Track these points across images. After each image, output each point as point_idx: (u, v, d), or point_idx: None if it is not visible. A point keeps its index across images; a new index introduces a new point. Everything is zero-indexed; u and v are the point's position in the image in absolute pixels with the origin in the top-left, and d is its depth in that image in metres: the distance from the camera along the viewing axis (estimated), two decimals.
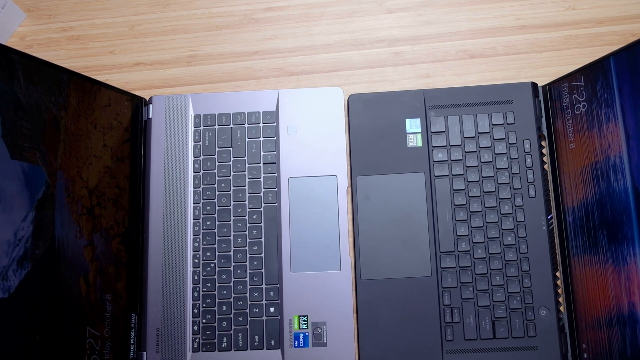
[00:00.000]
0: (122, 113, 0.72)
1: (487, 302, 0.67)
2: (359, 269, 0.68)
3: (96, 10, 0.79)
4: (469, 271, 0.68)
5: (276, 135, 0.73)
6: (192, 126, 0.74)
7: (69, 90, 0.65)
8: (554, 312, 0.67)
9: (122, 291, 0.69)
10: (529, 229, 0.69)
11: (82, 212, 0.64)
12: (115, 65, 0.78)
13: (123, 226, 0.70)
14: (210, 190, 0.72)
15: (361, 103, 0.73)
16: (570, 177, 0.68)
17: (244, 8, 0.79)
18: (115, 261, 0.68)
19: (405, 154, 0.71)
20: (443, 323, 0.67)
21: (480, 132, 0.71)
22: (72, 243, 0.62)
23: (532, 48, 0.75)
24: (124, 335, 0.68)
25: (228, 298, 0.69)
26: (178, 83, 0.77)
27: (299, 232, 0.70)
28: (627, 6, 0.75)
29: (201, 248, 0.71)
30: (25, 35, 0.79)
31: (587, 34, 0.75)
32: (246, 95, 0.74)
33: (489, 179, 0.70)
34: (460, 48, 0.76)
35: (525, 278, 0.67)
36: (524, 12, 0.76)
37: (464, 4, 0.77)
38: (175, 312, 0.69)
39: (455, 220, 0.69)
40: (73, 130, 0.65)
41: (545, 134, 0.71)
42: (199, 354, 0.68)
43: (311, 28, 0.78)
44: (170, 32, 0.79)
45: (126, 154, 0.72)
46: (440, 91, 0.73)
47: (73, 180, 0.64)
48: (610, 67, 0.63)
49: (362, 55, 0.77)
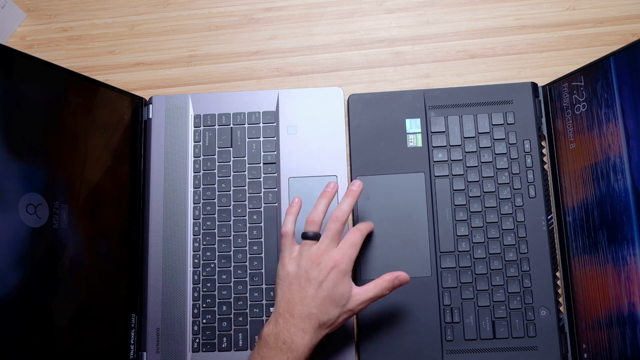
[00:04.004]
0: (122, 113, 0.72)
1: (487, 302, 0.67)
2: (359, 268, 0.68)
3: (96, 10, 0.79)
4: (469, 271, 0.68)
5: (276, 135, 0.73)
6: (192, 126, 0.74)
7: (69, 90, 0.65)
8: (554, 312, 0.67)
9: (122, 291, 0.69)
10: (529, 229, 0.69)
11: (82, 212, 0.64)
12: (115, 65, 0.78)
13: (123, 226, 0.70)
14: (210, 191, 0.72)
15: (361, 103, 0.73)
16: (570, 177, 0.68)
17: (244, 8, 0.79)
18: (115, 261, 0.68)
19: (405, 154, 0.71)
20: (443, 323, 0.67)
21: (480, 132, 0.71)
22: (71, 243, 0.62)
23: (532, 48, 0.75)
24: (124, 335, 0.68)
25: (228, 298, 0.69)
26: (178, 83, 0.77)
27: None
28: (627, 6, 0.75)
29: (201, 248, 0.71)
30: (25, 35, 0.79)
31: (587, 34, 0.75)
32: (246, 95, 0.74)
33: (489, 179, 0.70)
34: (460, 48, 0.76)
35: (525, 278, 0.67)
36: (524, 12, 0.76)
37: (464, 4, 0.77)
38: (175, 312, 0.69)
39: (455, 221, 0.69)
40: (73, 131, 0.65)
41: (545, 134, 0.72)
42: (199, 354, 0.68)
43: (311, 28, 0.78)
44: (170, 32, 0.79)
45: (126, 154, 0.72)
46: (440, 91, 0.73)
47: (73, 180, 0.64)
48: (610, 67, 0.63)
49: (362, 55, 0.77)
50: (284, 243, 0.63)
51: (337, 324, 0.61)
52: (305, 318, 0.58)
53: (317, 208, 0.63)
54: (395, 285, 0.62)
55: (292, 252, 0.62)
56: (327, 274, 0.59)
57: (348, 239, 0.62)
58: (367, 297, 0.61)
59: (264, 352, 0.58)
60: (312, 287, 0.59)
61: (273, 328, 0.59)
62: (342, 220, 0.62)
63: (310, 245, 0.61)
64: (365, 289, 0.61)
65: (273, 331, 0.58)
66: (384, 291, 0.61)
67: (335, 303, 0.59)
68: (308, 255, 0.61)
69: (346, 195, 0.64)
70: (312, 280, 0.59)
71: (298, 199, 0.65)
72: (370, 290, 0.61)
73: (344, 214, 0.62)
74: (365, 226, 0.65)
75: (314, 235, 0.62)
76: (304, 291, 0.59)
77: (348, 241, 0.62)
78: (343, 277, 0.60)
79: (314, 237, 0.62)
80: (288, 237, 0.63)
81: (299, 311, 0.59)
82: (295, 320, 0.58)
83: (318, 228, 0.62)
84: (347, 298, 0.60)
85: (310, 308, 0.59)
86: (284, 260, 0.62)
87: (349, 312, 0.61)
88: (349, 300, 0.60)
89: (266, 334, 0.59)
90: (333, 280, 0.59)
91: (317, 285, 0.59)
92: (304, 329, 0.58)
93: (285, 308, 0.59)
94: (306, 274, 0.60)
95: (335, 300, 0.59)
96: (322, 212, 0.63)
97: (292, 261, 0.61)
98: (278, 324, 0.58)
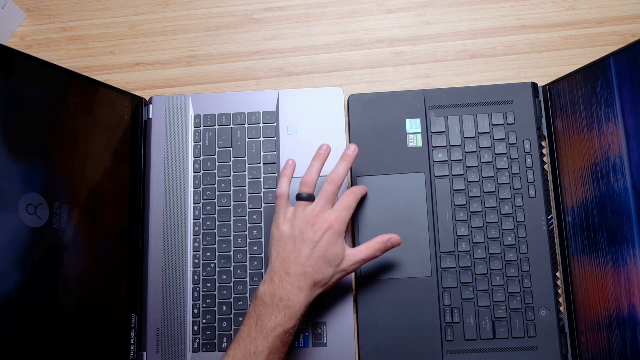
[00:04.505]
0: (122, 113, 0.72)
1: (487, 302, 0.67)
2: (359, 268, 0.68)
3: (96, 10, 0.79)
4: (469, 271, 0.68)
5: (276, 135, 0.73)
6: (192, 126, 0.74)
7: (69, 90, 0.65)
8: (554, 312, 0.67)
9: (122, 291, 0.69)
10: (529, 229, 0.69)
11: (82, 212, 0.64)
12: (115, 65, 0.78)
13: (123, 226, 0.70)
14: (210, 191, 0.72)
15: (361, 103, 0.73)
16: (570, 177, 0.68)
17: (244, 8, 0.79)
18: (115, 261, 0.68)
19: (405, 154, 0.71)
20: (443, 323, 0.67)
21: (480, 132, 0.71)
22: (71, 243, 0.62)
23: (532, 48, 0.75)
24: (124, 335, 0.68)
25: (228, 298, 0.69)
26: (178, 83, 0.77)
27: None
28: (627, 6, 0.75)
29: (201, 248, 0.71)
30: (25, 35, 0.79)
31: (587, 34, 0.75)
32: (246, 95, 0.74)
33: (489, 179, 0.70)
34: (460, 48, 0.76)
35: (525, 278, 0.67)
36: (524, 12, 0.76)
37: (464, 4, 0.77)
38: (175, 312, 0.69)
39: (455, 221, 0.69)
40: (73, 131, 0.65)
41: (545, 134, 0.71)
42: (199, 354, 0.68)
43: (311, 28, 0.78)
44: (170, 32, 0.79)
45: (126, 154, 0.72)
46: (440, 91, 0.73)
47: (73, 180, 0.64)
48: (610, 67, 0.63)
49: (362, 55, 0.77)
50: (278, 204, 0.64)
51: (331, 283, 0.62)
52: (300, 276, 0.59)
53: (310, 170, 0.64)
54: (387, 247, 0.63)
55: (287, 212, 0.63)
56: (321, 234, 0.60)
57: (342, 201, 0.63)
58: (359, 258, 0.62)
59: (260, 310, 0.59)
60: (307, 247, 0.60)
61: (269, 286, 0.59)
62: (338, 183, 0.63)
63: (305, 206, 0.62)
64: (358, 250, 0.63)
65: (269, 289, 0.59)
66: (376, 252, 0.63)
67: (329, 263, 0.61)
68: (303, 215, 0.62)
69: (341, 159, 0.65)
70: (307, 241, 0.60)
71: (292, 161, 0.66)
72: (363, 252, 0.63)
73: (339, 177, 0.63)
74: (359, 189, 0.67)
75: (307, 197, 0.63)
76: (298, 251, 0.60)
77: (342, 203, 0.63)
78: (337, 238, 0.61)
79: (308, 198, 0.63)
80: (282, 198, 0.64)
81: (294, 270, 0.60)
82: (290, 278, 0.59)
83: (312, 189, 0.63)
84: (341, 258, 0.61)
85: (305, 267, 0.60)
86: (278, 220, 0.63)
87: (342, 272, 0.62)
88: (343, 261, 0.62)
89: (262, 292, 0.59)
90: (327, 241, 0.60)
91: (312, 245, 0.60)
92: (299, 286, 0.59)
93: (280, 267, 0.60)
94: (301, 234, 0.61)
95: (329, 260, 0.60)
96: (316, 174, 0.64)
97: (286, 222, 0.62)
98: (273, 282, 0.59)
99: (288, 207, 0.64)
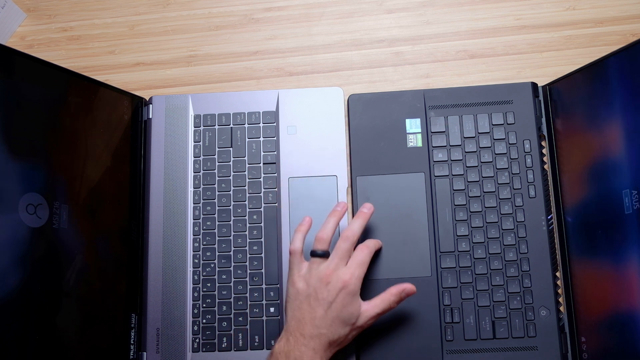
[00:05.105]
0: (122, 113, 0.72)
1: (487, 302, 0.67)
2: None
3: (96, 10, 0.79)
4: (469, 271, 0.68)
5: (276, 135, 0.73)
6: (192, 126, 0.74)
7: (69, 90, 0.65)
8: (554, 312, 0.67)
9: (122, 291, 0.69)
10: (529, 229, 0.69)
11: (82, 212, 0.64)
12: (115, 65, 0.78)
13: (123, 226, 0.70)
14: (210, 191, 0.72)
15: (361, 103, 0.73)
16: (570, 177, 0.68)
17: (244, 8, 0.79)
18: (115, 261, 0.68)
19: (405, 154, 0.71)
20: (443, 323, 0.67)
21: (480, 132, 0.71)
22: (71, 243, 0.62)
23: (532, 48, 0.75)
24: (124, 335, 0.68)
25: (228, 298, 0.69)
26: (178, 83, 0.77)
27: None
28: (627, 6, 0.75)
29: (201, 248, 0.71)
30: (25, 35, 0.79)
31: (587, 34, 0.75)
32: (246, 95, 0.74)
33: (489, 179, 0.70)
34: (460, 48, 0.76)
35: (525, 278, 0.67)
36: (524, 12, 0.76)
37: (464, 4, 0.77)
38: (175, 312, 0.69)
39: (455, 220, 0.69)
40: (73, 131, 0.65)
41: (545, 134, 0.71)
42: (199, 354, 0.68)
43: (311, 28, 0.78)
44: (170, 32, 0.79)
45: (126, 154, 0.72)
46: (440, 91, 0.73)
47: (73, 180, 0.64)
48: (610, 67, 0.63)
49: (362, 55, 0.77)
50: (292, 260, 0.63)
51: (347, 340, 0.62)
52: (315, 338, 0.59)
53: (326, 226, 0.63)
54: (402, 298, 0.63)
55: (301, 269, 0.62)
56: (336, 295, 0.60)
57: (356, 257, 0.62)
58: (375, 313, 0.62)
59: None
60: (322, 308, 0.60)
61: (284, 346, 0.59)
62: (353, 240, 0.62)
63: (319, 263, 0.62)
64: (373, 305, 0.62)
65: (284, 349, 0.59)
66: (392, 304, 0.63)
67: (345, 322, 0.60)
68: (317, 273, 0.61)
69: (357, 216, 0.64)
70: (322, 301, 0.60)
71: (309, 218, 0.65)
72: (378, 306, 0.62)
73: (354, 234, 0.63)
74: (374, 243, 0.66)
75: (322, 253, 0.62)
76: (313, 311, 0.60)
77: (356, 260, 0.62)
78: (352, 298, 0.60)
79: (323, 255, 0.62)
80: (296, 255, 0.63)
81: (309, 331, 0.59)
82: (305, 340, 0.59)
83: (327, 246, 0.62)
84: (357, 317, 0.61)
85: (320, 329, 0.59)
86: (292, 277, 0.62)
87: (359, 329, 0.62)
88: (358, 318, 0.61)
89: (277, 351, 0.59)
90: (342, 302, 0.60)
91: (327, 306, 0.60)
92: (314, 348, 0.59)
93: (295, 327, 0.60)
94: (315, 293, 0.60)
95: (344, 319, 0.60)
96: (332, 230, 0.63)
97: (300, 279, 0.62)
98: (289, 342, 0.59)
99: (302, 262, 0.63)
